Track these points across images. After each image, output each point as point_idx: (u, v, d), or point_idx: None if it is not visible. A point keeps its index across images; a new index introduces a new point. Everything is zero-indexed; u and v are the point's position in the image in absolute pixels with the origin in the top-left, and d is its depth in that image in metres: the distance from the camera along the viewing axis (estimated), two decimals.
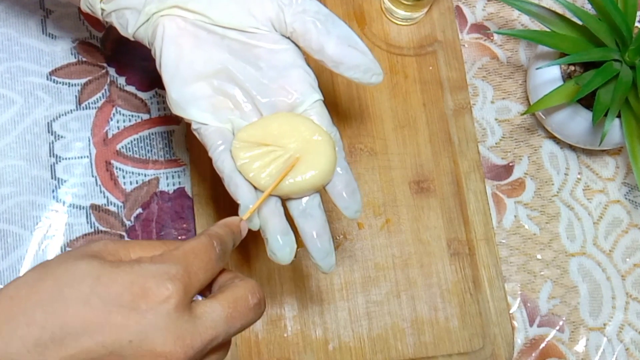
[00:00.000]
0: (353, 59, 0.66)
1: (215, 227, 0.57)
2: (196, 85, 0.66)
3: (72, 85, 0.89)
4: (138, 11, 0.66)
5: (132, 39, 0.68)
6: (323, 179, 0.65)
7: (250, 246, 0.84)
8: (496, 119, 0.91)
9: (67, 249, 0.84)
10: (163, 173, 0.87)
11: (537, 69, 0.83)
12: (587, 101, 0.80)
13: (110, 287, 0.48)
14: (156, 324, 0.48)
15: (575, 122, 0.83)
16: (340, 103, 0.89)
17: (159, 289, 0.48)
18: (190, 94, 0.65)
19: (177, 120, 0.64)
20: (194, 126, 0.66)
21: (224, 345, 0.53)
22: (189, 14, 0.65)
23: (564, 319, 0.86)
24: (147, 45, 0.68)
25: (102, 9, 0.68)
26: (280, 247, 0.64)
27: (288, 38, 0.67)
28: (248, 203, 0.64)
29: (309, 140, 0.65)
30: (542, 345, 0.86)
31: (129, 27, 0.67)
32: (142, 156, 0.87)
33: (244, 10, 0.65)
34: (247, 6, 0.65)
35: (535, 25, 0.92)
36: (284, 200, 0.66)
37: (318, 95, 0.67)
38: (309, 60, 0.68)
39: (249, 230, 0.79)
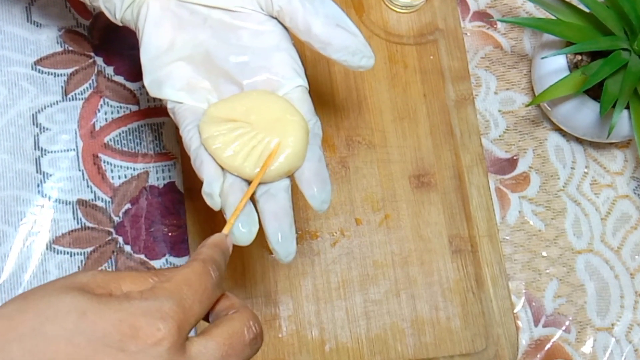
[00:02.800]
0: (341, 39, 0.65)
1: (206, 248, 0.55)
2: (173, 65, 0.65)
3: (58, 75, 0.88)
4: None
5: (120, 24, 0.67)
6: (288, 165, 0.62)
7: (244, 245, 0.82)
8: (500, 111, 0.90)
9: (53, 245, 0.83)
10: (153, 167, 0.86)
11: (542, 58, 0.83)
12: (594, 92, 0.80)
13: (97, 325, 0.45)
14: None
15: (582, 113, 0.82)
16: (337, 94, 0.88)
17: (150, 329, 0.46)
18: (166, 74, 0.64)
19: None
20: (169, 106, 0.65)
21: None
22: None
23: (570, 318, 0.86)
24: (134, 29, 0.67)
25: None
26: (238, 229, 0.60)
27: (275, 19, 0.65)
28: (211, 180, 0.61)
29: (279, 119, 0.63)
30: (548, 346, 0.85)
31: (116, 11, 0.66)
32: (131, 149, 0.86)
33: None
34: None
35: (540, 13, 0.92)
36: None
37: (302, 81, 0.65)
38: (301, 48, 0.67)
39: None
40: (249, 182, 0.63)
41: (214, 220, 0.82)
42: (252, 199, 0.62)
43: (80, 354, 0.45)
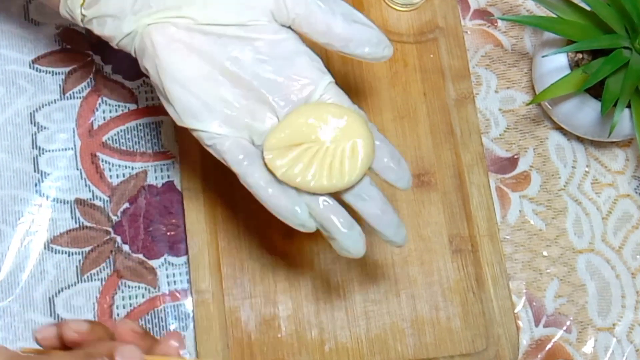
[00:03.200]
0: (362, 33, 0.65)
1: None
2: (205, 92, 0.64)
3: (55, 73, 0.87)
4: (121, 19, 0.64)
5: (115, 47, 0.67)
6: (369, 160, 0.64)
7: (242, 244, 0.83)
8: (500, 109, 0.90)
9: (51, 245, 0.83)
10: (151, 166, 0.86)
11: (543, 56, 0.82)
12: (595, 90, 0.79)
13: None
14: None
15: (583, 112, 0.82)
16: None
17: None
18: (201, 103, 0.64)
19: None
20: (207, 142, 0.64)
21: None
22: (180, 19, 0.63)
23: (571, 318, 0.85)
24: (133, 55, 0.66)
25: (83, 15, 0.66)
26: (352, 242, 0.64)
27: (287, 27, 0.65)
28: (294, 211, 0.63)
29: (337, 124, 0.64)
30: (549, 346, 0.85)
31: (112, 38, 0.65)
32: (129, 148, 0.86)
33: (240, 3, 0.64)
34: (244, 1, 0.64)
35: (541, 11, 0.92)
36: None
37: (329, 77, 0.66)
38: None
39: (240, 226, 0.77)
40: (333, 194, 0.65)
41: (213, 220, 0.82)
42: (344, 204, 0.65)
43: None
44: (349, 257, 0.65)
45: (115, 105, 0.87)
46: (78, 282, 0.82)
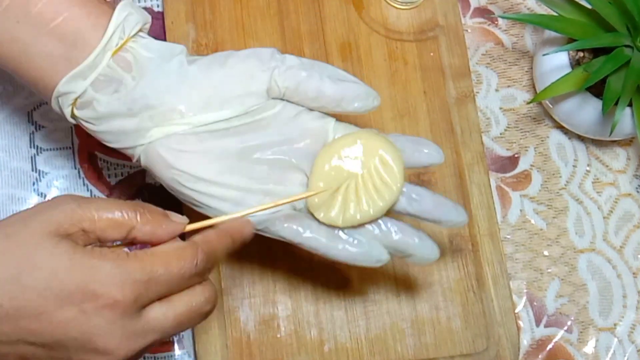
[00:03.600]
0: (351, 90, 0.68)
1: (213, 233, 0.58)
2: (231, 182, 0.66)
3: None
4: (120, 131, 0.65)
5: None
6: (401, 161, 0.67)
7: None
8: (501, 108, 0.90)
9: None
10: None
11: (544, 55, 0.82)
12: (596, 89, 0.79)
13: (65, 284, 0.51)
14: (101, 327, 0.51)
15: (584, 111, 0.82)
16: None
17: (108, 295, 0.51)
18: (232, 194, 0.66)
19: None
20: (259, 227, 0.66)
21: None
22: (182, 125, 0.65)
23: (572, 318, 0.85)
24: (135, 163, 0.68)
25: (74, 115, 0.66)
26: (429, 249, 0.68)
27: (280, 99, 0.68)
28: (376, 253, 0.67)
29: (360, 152, 0.67)
30: (550, 346, 0.84)
31: (111, 143, 0.67)
32: None
33: (243, 94, 0.66)
34: (245, 89, 0.66)
35: (542, 9, 0.91)
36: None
37: (331, 119, 0.69)
38: None
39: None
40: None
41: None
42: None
43: (47, 306, 0.51)
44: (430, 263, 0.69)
45: None
46: None
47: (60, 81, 0.64)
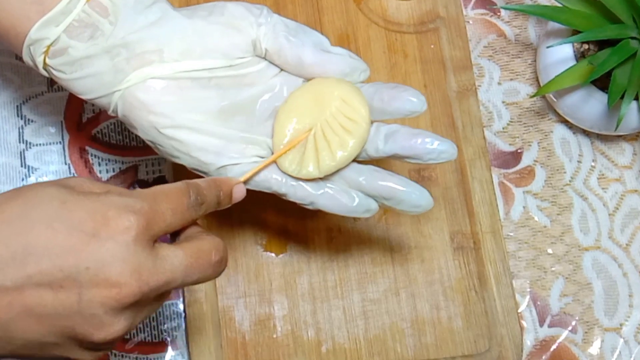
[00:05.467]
0: (335, 64, 0.66)
1: (200, 179, 0.60)
2: (214, 130, 0.65)
3: None
4: (98, 75, 0.63)
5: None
6: (363, 98, 0.65)
7: (236, 241, 0.83)
8: (503, 102, 0.89)
9: None
10: (142, 160, 0.85)
11: (547, 47, 0.82)
12: (602, 82, 0.79)
13: (74, 213, 0.52)
14: (114, 253, 0.51)
15: (589, 105, 0.81)
16: None
17: (120, 219, 0.52)
18: (213, 142, 0.65)
19: None
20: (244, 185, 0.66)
21: (167, 293, 0.57)
22: (163, 67, 0.63)
23: (577, 318, 0.85)
24: (111, 114, 0.66)
25: (47, 65, 0.64)
26: (419, 194, 0.66)
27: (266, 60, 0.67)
28: (359, 202, 0.66)
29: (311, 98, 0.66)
30: (553, 347, 0.84)
31: (84, 94, 0.65)
32: (119, 142, 0.85)
33: (227, 45, 0.64)
34: (230, 40, 0.64)
35: (545, 0, 0.91)
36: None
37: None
38: None
39: (234, 222, 0.76)
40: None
41: (205, 216, 0.80)
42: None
43: (57, 237, 0.51)
44: (420, 213, 0.67)
45: None
46: None
47: (32, 28, 0.62)
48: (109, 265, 0.51)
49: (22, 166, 0.83)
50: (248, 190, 0.65)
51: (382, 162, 0.69)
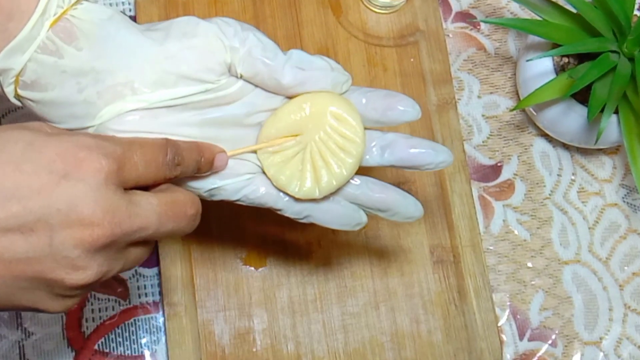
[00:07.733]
0: (314, 82, 0.63)
1: (183, 140, 0.59)
2: None
3: None
4: (70, 106, 0.60)
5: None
6: (356, 111, 0.63)
7: (216, 255, 0.82)
8: (483, 115, 0.90)
9: None
10: None
11: (527, 60, 0.82)
12: (581, 96, 0.79)
13: (43, 153, 0.50)
14: (86, 194, 0.50)
15: (569, 118, 0.82)
16: None
17: (91, 160, 0.50)
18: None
19: None
20: (236, 197, 0.65)
21: (147, 243, 0.56)
22: (138, 102, 0.60)
23: (556, 332, 0.85)
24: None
25: (19, 95, 0.61)
26: (412, 204, 0.66)
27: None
28: (356, 215, 0.66)
29: (307, 113, 0.63)
30: None
31: (58, 124, 0.61)
32: None
33: (201, 70, 0.61)
34: (204, 64, 0.61)
35: (525, 14, 0.92)
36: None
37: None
38: None
39: (213, 236, 0.76)
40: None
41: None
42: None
43: (26, 179, 0.49)
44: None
45: None
46: None
47: None
48: (80, 206, 0.49)
49: None
50: (227, 204, 0.64)
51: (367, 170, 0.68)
